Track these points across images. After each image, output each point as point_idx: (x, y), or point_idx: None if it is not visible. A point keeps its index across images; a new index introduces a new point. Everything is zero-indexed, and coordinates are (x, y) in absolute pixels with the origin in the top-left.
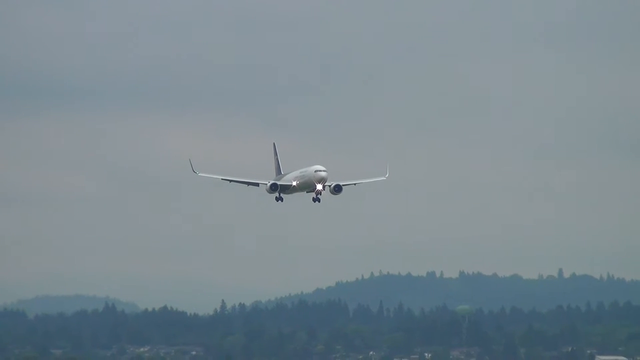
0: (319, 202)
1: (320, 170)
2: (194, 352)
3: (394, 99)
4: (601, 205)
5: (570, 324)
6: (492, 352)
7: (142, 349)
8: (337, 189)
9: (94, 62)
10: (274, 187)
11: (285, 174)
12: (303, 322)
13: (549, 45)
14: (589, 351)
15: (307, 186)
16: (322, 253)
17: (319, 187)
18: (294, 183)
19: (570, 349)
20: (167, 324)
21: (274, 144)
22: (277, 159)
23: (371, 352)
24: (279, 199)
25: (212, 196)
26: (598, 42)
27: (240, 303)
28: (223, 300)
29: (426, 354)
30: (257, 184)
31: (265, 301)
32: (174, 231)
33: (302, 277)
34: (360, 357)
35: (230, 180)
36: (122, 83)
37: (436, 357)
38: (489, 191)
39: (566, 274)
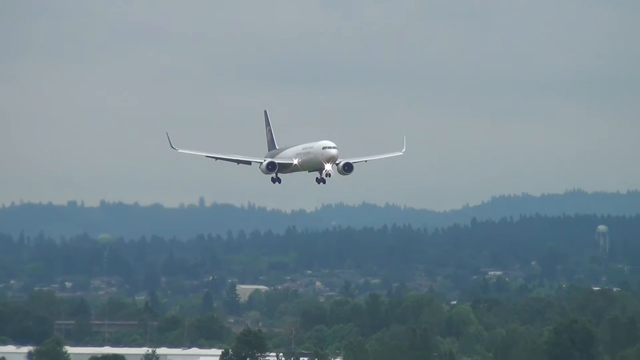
0: (324, 183)
1: (329, 147)
2: None
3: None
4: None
5: (211, 253)
6: (133, 280)
7: None
8: (348, 168)
9: None
10: (271, 167)
11: (282, 149)
12: None
13: None
14: (230, 280)
15: (311, 165)
16: None
17: (328, 167)
18: (296, 161)
19: (211, 277)
20: None
21: (265, 111)
22: (269, 130)
23: (12, 281)
24: (275, 180)
25: None
26: None
27: None
28: None
29: (67, 283)
30: (249, 162)
31: None
32: None
33: None
34: (1, 286)
35: (217, 158)
36: None
37: (77, 286)
38: (134, 120)
39: (207, 203)
